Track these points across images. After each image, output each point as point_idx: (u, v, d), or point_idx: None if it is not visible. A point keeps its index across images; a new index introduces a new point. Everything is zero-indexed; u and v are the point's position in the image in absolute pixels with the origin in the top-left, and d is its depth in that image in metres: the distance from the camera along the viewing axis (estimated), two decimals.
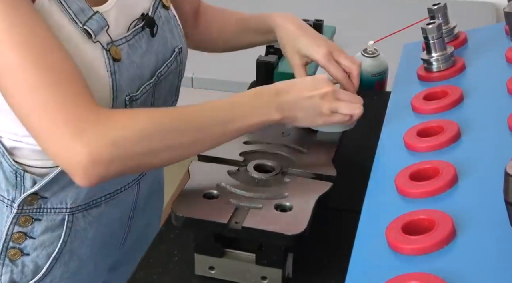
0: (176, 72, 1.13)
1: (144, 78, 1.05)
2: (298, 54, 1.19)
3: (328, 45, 1.17)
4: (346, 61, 1.17)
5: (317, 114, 1.01)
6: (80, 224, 1.11)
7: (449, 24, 1.21)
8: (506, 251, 0.72)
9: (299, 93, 1.01)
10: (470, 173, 0.86)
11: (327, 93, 1.01)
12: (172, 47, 1.11)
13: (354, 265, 0.80)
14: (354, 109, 1.03)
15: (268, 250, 0.96)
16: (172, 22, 1.12)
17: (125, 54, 1.01)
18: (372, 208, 0.89)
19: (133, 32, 1.03)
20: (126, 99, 1.01)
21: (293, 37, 1.20)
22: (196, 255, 1.00)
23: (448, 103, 1.02)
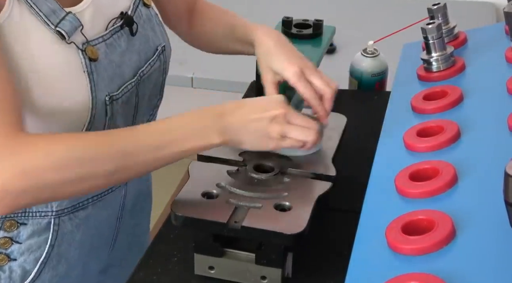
0: (160, 71, 1.12)
1: (125, 77, 1.04)
2: (271, 71, 1.11)
3: (302, 63, 1.09)
4: (319, 82, 1.08)
5: (266, 138, 0.96)
6: (67, 227, 1.09)
7: (449, 24, 1.21)
8: (506, 251, 0.72)
9: (246, 115, 0.95)
10: (470, 173, 0.86)
11: (277, 116, 0.95)
12: (154, 46, 1.10)
13: (354, 265, 0.80)
14: (307, 135, 0.97)
15: (267, 250, 0.96)
16: (154, 20, 1.11)
17: (102, 54, 1.00)
18: (372, 208, 0.89)
19: (111, 31, 1.02)
20: (106, 99, 1.00)
21: (268, 53, 1.13)
22: (195, 255, 1.00)
23: (448, 103, 1.02)
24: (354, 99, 1.54)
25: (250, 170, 1.05)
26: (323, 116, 1.07)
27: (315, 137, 0.97)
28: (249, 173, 1.04)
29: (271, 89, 1.11)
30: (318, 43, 1.50)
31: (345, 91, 1.58)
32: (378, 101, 1.45)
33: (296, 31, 1.51)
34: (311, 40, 1.50)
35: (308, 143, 0.97)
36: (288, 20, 1.53)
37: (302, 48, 1.47)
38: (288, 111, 0.96)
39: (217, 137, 0.94)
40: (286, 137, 0.96)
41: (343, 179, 1.04)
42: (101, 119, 1.01)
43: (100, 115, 1.00)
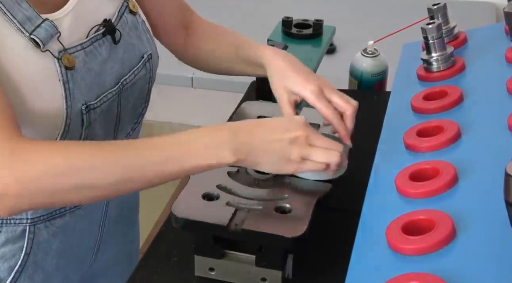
0: (146, 79, 1.09)
1: (106, 86, 1.01)
2: (287, 92, 1.07)
3: (319, 82, 1.06)
4: (340, 100, 1.05)
5: (285, 160, 0.92)
6: (43, 235, 1.06)
7: (449, 24, 1.21)
8: (506, 251, 0.72)
9: (265, 135, 0.91)
10: (470, 173, 0.86)
11: (298, 137, 0.92)
12: (140, 54, 1.07)
13: (354, 265, 0.80)
14: (330, 157, 0.93)
15: (268, 252, 0.96)
16: (141, 27, 1.08)
17: (80, 62, 0.97)
18: (372, 208, 0.89)
19: (91, 39, 0.99)
20: (83, 108, 0.97)
21: (282, 73, 1.09)
22: (196, 257, 1.00)
23: (448, 103, 1.02)
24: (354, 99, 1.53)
25: (250, 171, 1.04)
26: (345, 135, 1.04)
27: (338, 159, 0.93)
28: (249, 174, 1.04)
29: (289, 110, 1.07)
30: (318, 43, 1.50)
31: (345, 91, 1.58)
32: (378, 101, 1.45)
33: (296, 31, 1.52)
34: (311, 40, 1.50)
35: (332, 165, 0.94)
36: (288, 20, 1.53)
37: (302, 48, 1.48)
38: (310, 133, 0.93)
39: (231, 155, 0.89)
40: (308, 159, 0.92)
41: (343, 179, 1.03)
42: (77, 128, 0.98)
43: (75, 124, 0.97)
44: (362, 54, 1.54)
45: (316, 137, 0.93)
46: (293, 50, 1.45)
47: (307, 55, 1.45)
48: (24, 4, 0.92)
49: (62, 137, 0.96)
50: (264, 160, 0.92)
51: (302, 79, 1.06)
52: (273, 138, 0.91)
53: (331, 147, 0.94)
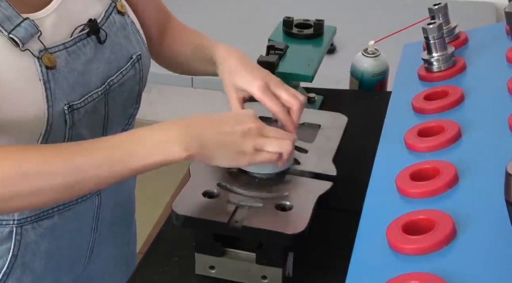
0: (135, 80, 1.08)
1: (91, 86, 1.00)
2: (235, 88, 1.09)
3: (266, 78, 1.07)
4: (286, 95, 1.05)
5: (239, 153, 0.92)
6: (30, 237, 1.05)
7: (449, 24, 1.21)
8: (507, 251, 0.72)
9: (216, 128, 0.91)
10: (471, 173, 0.86)
11: (250, 129, 0.92)
12: (128, 54, 1.06)
13: (355, 264, 0.80)
14: (283, 146, 0.94)
15: (268, 249, 0.96)
16: (130, 28, 1.07)
17: (62, 62, 0.96)
18: (372, 208, 0.89)
19: (75, 38, 0.98)
20: (65, 108, 0.96)
21: (231, 70, 1.10)
22: (196, 255, 1.00)
23: (449, 103, 1.02)
24: (354, 99, 1.54)
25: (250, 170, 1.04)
26: (292, 130, 1.04)
27: (290, 147, 0.95)
28: (250, 172, 1.04)
29: (237, 106, 1.08)
30: (319, 43, 1.50)
31: (345, 91, 1.58)
32: (379, 101, 1.45)
33: (297, 31, 1.51)
34: (312, 40, 1.50)
35: (284, 154, 0.95)
36: (289, 20, 1.53)
37: (303, 48, 1.48)
38: (260, 124, 0.94)
39: (182, 150, 0.88)
40: (261, 150, 0.93)
41: (343, 178, 1.04)
42: (60, 129, 0.97)
43: (58, 124, 0.96)
44: (363, 54, 1.54)
45: (268, 128, 0.95)
46: (294, 50, 1.45)
47: (307, 55, 1.45)
48: (3, 3, 0.91)
49: (44, 137, 0.95)
50: (218, 154, 0.92)
51: (249, 76, 1.07)
52: (225, 131, 0.92)
53: (283, 137, 0.95)
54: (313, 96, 1.49)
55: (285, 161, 0.97)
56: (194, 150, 0.89)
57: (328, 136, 1.13)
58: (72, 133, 0.98)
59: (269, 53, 1.45)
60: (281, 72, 1.39)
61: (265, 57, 1.44)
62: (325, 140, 1.12)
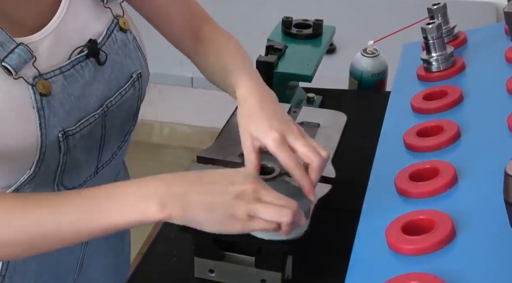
0: (134, 98, 1.03)
1: (88, 110, 0.95)
2: (251, 136, 0.94)
3: (285, 128, 0.92)
4: (305, 149, 0.90)
5: (230, 217, 0.80)
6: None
7: (448, 24, 1.21)
8: (506, 251, 0.72)
9: (205, 187, 0.80)
10: (470, 173, 0.86)
11: (245, 191, 0.80)
12: (129, 73, 1.00)
13: (354, 265, 0.80)
14: (281, 216, 0.81)
15: (267, 254, 0.95)
16: (131, 44, 1.01)
17: (58, 87, 0.90)
18: (372, 208, 0.89)
19: (72, 61, 0.92)
20: (59, 136, 0.91)
21: (248, 116, 0.96)
22: (195, 258, 1.00)
23: (448, 103, 1.02)
24: (354, 99, 1.54)
25: None
26: (309, 190, 0.90)
27: (290, 218, 0.81)
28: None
29: (251, 156, 0.94)
30: (318, 43, 1.50)
31: (345, 91, 1.58)
32: (378, 101, 1.44)
33: (296, 31, 1.51)
34: (311, 40, 1.50)
35: (283, 224, 0.82)
36: (288, 20, 1.53)
37: (302, 48, 1.48)
38: (259, 186, 0.82)
39: (158, 209, 0.78)
40: (256, 217, 0.81)
41: (343, 179, 1.03)
42: (54, 156, 0.92)
43: (52, 152, 0.92)
44: (362, 54, 1.54)
45: (266, 192, 0.82)
46: (293, 50, 1.45)
47: (307, 55, 1.45)
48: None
49: (37, 165, 0.91)
50: (204, 217, 0.80)
51: (265, 125, 0.93)
52: (215, 190, 0.81)
53: (283, 204, 0.82)
54: (313, 96, 1.49)
55: (287, 231, 0.83)
56: (175, 211, 0.79)
57: (327, 135, 1.12)
58: (67, 158, 0.94)
59: (268, 53, 1.45)
60: (280, 72, 1.39)
61: (264, 57, 1.43)
62: (324, 140, 1.11)
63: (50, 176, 0.94)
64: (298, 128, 0.94)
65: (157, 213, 0.78)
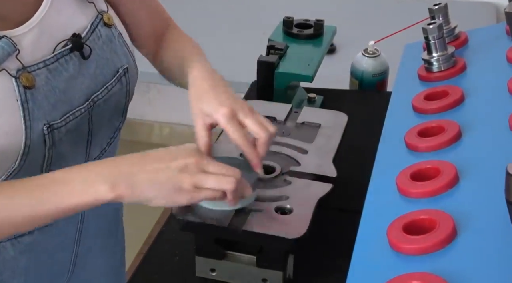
0: (122, 93, 1.04)
1: (73, 104, 0.96)
2: (201, 113, 0.97)
3: (235, 105, 0.96)
4: (253, 125, 0.94)
5: (176, 190, 0.84)
6: (9, 253, 1.00)
7: (450, 24, 1.21)
8: (507, 251, 0.72)
9: (150, 165, 0.84)
10: (471, 173, 0.86)
11: (188, 164, 0.85)
12: (115, 68, 1.02)
13: (355, 265, 0.80)
14: (225, 183, 0.86)
15: (268, 253, 0.96)
16: (117, 40, 1.02)
17: (42, 80, 0.91)
18: (373, 208, 0.89)
19: (56, 55, 0.94)
20: (44, 129, 0.92)
21: (199, 95, 0.99)
22: (197, 257, 1.00)
23: (449, 103, 1.02)
24: (355, 99, 1.54)
25: None
26: (256, 163, 0.95)
27: (233, 185, 0.86)
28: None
29: (201, 133, 0.97)
30: (319, 43, 1.50)
31: (346, 91, 1.58)
32: (379, 101, 1.44)
33: (297, 31, 1.52)
34: (312, 40, 1.50)
35: (228, 192, 0.87)
36: (289, 20, 1.53)
37: (303, 48, 1.48)
38: (201, 159, 0.87)
39: (108, 189, 0.82)
40: (202, 187, 0.85)
41: (344, 178, 1.04)
42: (39, 150, 0.93)
43: (37, 145, 0.92)
44: (363, 54, 1.54)
45: (209, 163, 0.87)
46: (294, 50, 1.45)
47: (307, 55, 1.45)
48: None
49: (22, 158, 0.91)
50: (153, 193, 0.85)
51: (216, 102, 0.97)
52: (160, 167, 0.85)
53: (225, 173, 0.87)
54: (313, 96, 1.49)
55: (232, 199, 0.88)
56: (123, 190, 0.83)
57: (328, 135, 1.12)
58: (53, 152, 0.95)
59: (269, 53, 1.46)
60: (281, 72, 1.40)
61: (265, 57, 1.44)
62: (325, 140, 1.12)
63: (36, 170, 0.94)
64: (247, 105, 0.98)
65: (107, 194, 0.82)
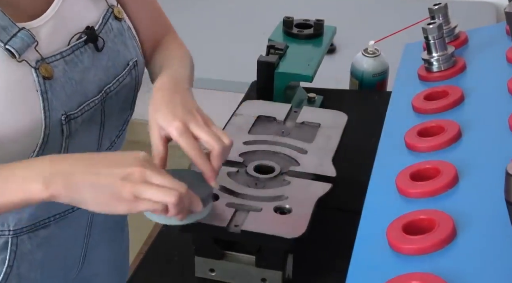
0: (131, 86, 1.06)
1: (88, 95, 0.98)
2: (157, 125, 0.95)
3: (188, 117, 0.93)
4: (207, 137, 0.92)
5: (115, 198, 0.81)
6: (27, 247, 1.02)
7: (449, 24, 1.21)
8: (507, 251, 0.72)
9: (92, 168, 0.82)
10: (471, 173, 0.86)
11: (132, 173, 0.82)
12: (125, 61, 1.04)
13: (355, 265, 0.80)
14: (166, 196, 0.82)
15: (267, 253, 0.96)
16: (127, 34, 1.05)
17: (60, 71, 0.94)
18: (372, 208, 0.89)
19: (72, 47, 0.96)
20: (62, 118, 0.94)
21: (156, 107, 0.97)
22: (196, 258, 1.00)
23: (449, 103, 1.02)
24: (354, 99, 1.54)
25: (250, 171, 1.04)
26: (210, 177, 0.92)
27: (175, 199, 0.82)
28: (249, 174, 1.04)
29: (157, 145, 0.94)
30: (319, 43, 1.50)
31: (345, 91, 1.58)
32: (379, 101, 1.45)
33: (297, 31, 1.52)
34: (312, 40, 1.50)
35: (170, 206, 0.83)
36: (289, 20, 1.53)
37: (302, 48, 1.48)
38: (147, 169, 0.83)
39: (42, 188, 0.80)
40: (142, 198, 0.82)
41: (343, 179, 1.03)
42: (57, 139, 0.95)
43: (55, 134, 0.94)
44: (363, 54, 1.54)
45: (154, 174, 0.83)
46: (294, 50, 1.45)
47: (307, 55, 1.45)
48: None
49: (41, 148, 0.93)
50: (90, 197, 0.82)
51: (169, 115, 0.94)
52: (102, 171, 0.82)
53: (169, 186, 0.83)
54: (313, 96, 1.49)
55: (176, 213, 0.84)
56: (58, 189, 0.81)
57: (328, 135, 1.12)
58: (69, 142, 0.97)
59: (269, 53, 1.46)
60: (281, 72, 1.40)
61: (265, 57, 1.44)
62: (324, 139, 1.12)
63: None
64: (203, 116, 0.95)
65: (41, 193, 0.81)
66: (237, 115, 1.20)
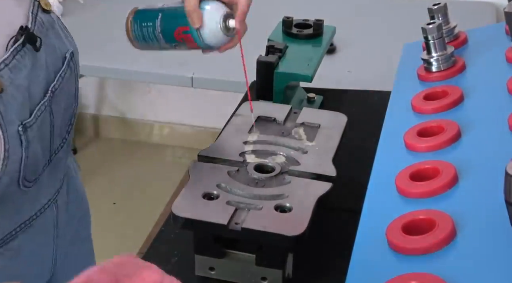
0: (72, 78, 1.01)
1: (37, 99, 0.93)
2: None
3: None
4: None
5: None
6: (0, 263, 0.96)
7: (449, 24, 1.21)
8: (506, 251, 0.72)
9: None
10: (470, 173, 0.86)
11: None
12: (62, 54, 0.98)
13: (354, 265, 0.80)
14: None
15: (268, 251, 0.96)
16: (57, 25, 0.99)
17: (7, 81, 0.87)
18: (372, 208, 0.89)
19: (12, 52, 0.89)
20: (19, 129, 0.89)
21: None
22: (196, 256, 1.00)
23: (448, 103, 1.02)
24: (354, 99, 1.54)
25: (250, 171, 1.05)
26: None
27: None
28: (249, 174, 1.04)
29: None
30: (318, 43, 1.50)
31: (345, 91, 1.58)
32: (378, 101, 1.45)
33: (296, 31, 1.51)
34: (312, 40, 1.50)
35: None
36: (289, 20, 1.53)
37: (302, 48, 1.48)
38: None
39: None
40: None
41: (343, 178, 1.04)
42: (17, 151, 0.90)
43: (14, 147, 0.89)
44: None
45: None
46: (293, 50, 1.45)
47: (307, 55, 1.45)
48: None
49: (3, 162, 0.88)
50: None
51: None
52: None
53: None
54: (313, 96, 1.49)
55: None
56: None
57: (328, 136, 1.13)
58: (28, 152, 0.92)
59: (269, 53, 1.45)
60: (281, 72, 1.40)
61: (264, 57, 1.44)
62: (324, 140, 1.12)
63: (15, 173, 0.91)
64: None
65: None
66: (237, 115, 1.20)
